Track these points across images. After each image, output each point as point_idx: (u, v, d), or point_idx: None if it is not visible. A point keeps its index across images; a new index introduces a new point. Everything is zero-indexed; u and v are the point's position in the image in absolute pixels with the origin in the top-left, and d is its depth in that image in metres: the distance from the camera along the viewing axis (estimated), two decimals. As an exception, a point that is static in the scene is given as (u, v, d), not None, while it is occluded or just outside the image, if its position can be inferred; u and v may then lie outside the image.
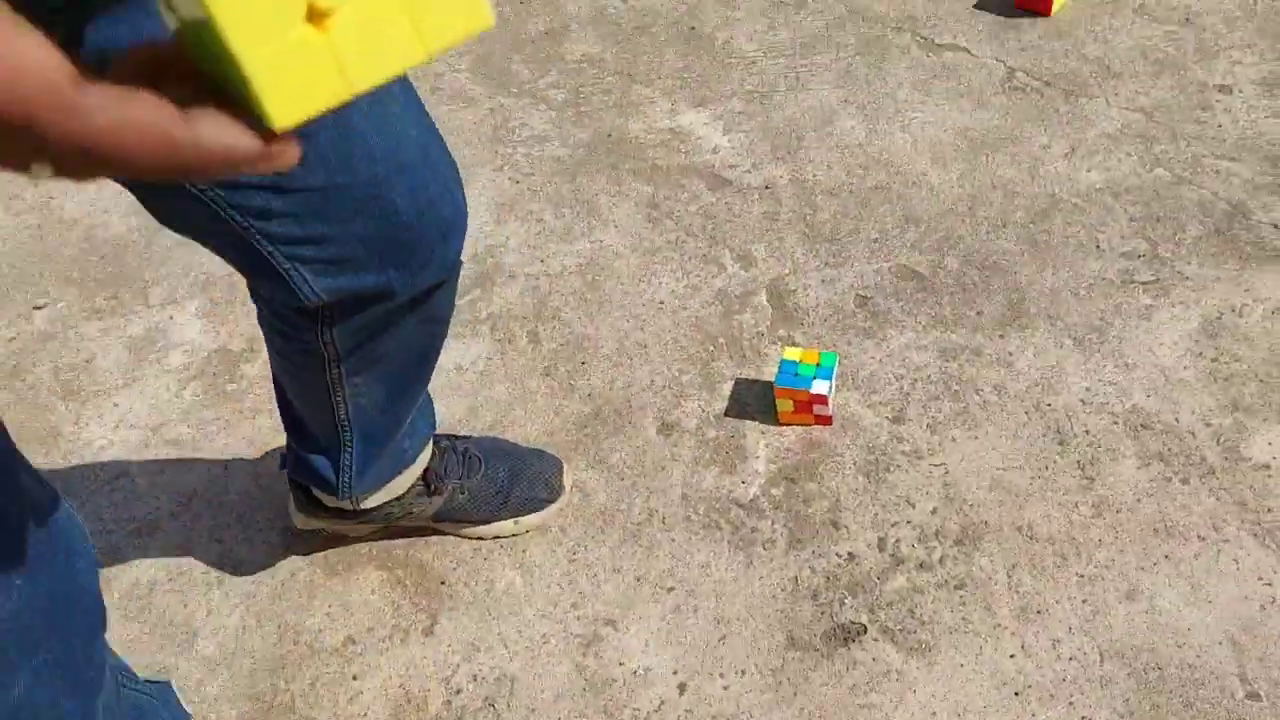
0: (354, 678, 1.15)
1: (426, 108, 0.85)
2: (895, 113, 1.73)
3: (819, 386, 1.29)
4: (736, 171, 1.67)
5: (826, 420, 1.32)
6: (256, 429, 1.40)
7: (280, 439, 1.28)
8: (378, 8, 0.33)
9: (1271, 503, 1.19)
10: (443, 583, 1.22)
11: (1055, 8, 1.83)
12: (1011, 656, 1.10)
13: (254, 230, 0.77)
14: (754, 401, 1.36)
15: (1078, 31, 1.81)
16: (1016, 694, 1.07)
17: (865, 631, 1.13)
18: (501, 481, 1.23)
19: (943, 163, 1.64)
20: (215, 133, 0.34)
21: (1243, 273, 1.44)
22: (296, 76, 0.32)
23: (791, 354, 1.32)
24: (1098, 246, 1.49)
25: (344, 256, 0.82)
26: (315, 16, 0.33)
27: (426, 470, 1.17)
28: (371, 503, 1.14)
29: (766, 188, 1.64)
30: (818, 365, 1.31)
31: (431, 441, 1.17)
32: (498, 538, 1.25)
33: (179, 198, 0.74)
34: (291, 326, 0.92)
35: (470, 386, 1.42)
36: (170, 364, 1.50)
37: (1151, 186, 1.56)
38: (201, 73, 0.36)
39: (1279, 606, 1.11)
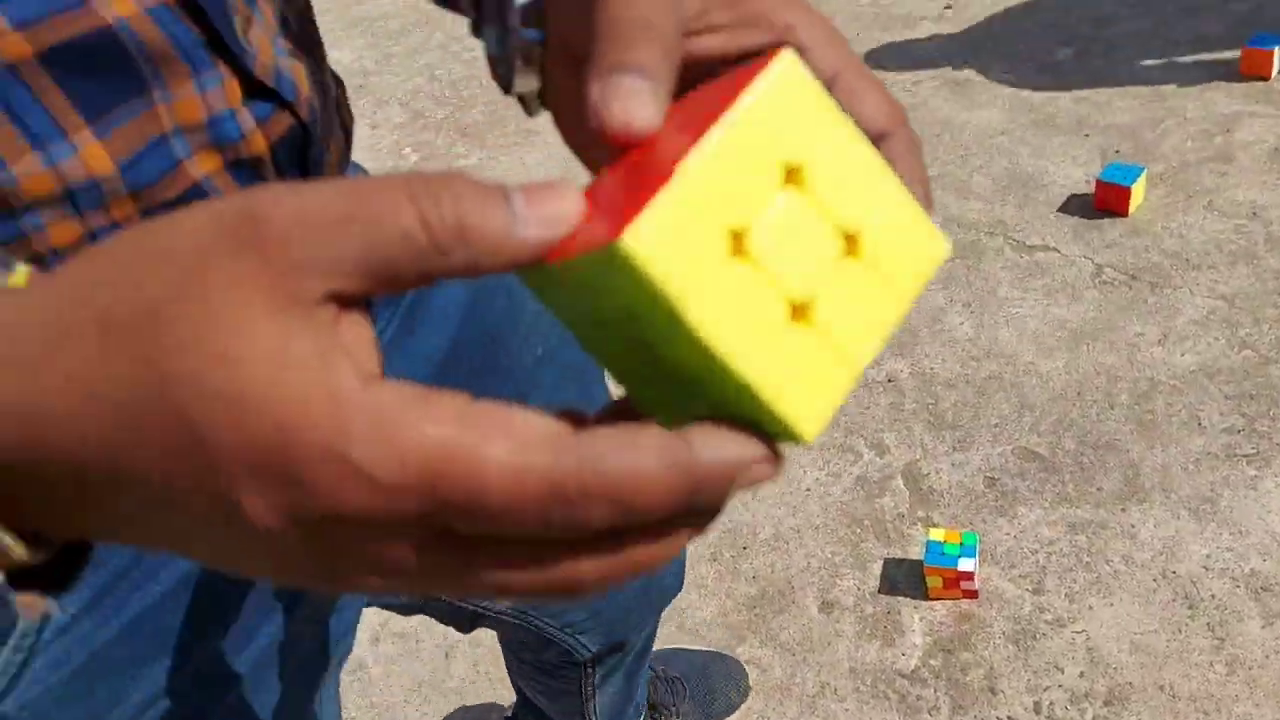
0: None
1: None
2: (998, 308, 1.94)
3: (965, 564, 1.45)
4: (860, 368, 1.89)
5: (973, 594, 1.48)
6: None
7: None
8: (847, 278, 0.29)
9: (1393, 656, 1.32)
10: (646, 754, 1.38)
11: (1132, 208, 2.05)
12: (1172, 807, 1.22)
13: (532, 616, 0.89)
14: (904, 579, 1.53)
15: (1155, 228, 2.03)
16: (1181, 842, 1.19)
17: (1034, 788, 1.27)
18: (702, 696, 1.40)
19: (1047, 352, 1.84)
20: (717, 446, 0.26)
21: (1337, 443, 1.59)
22: (801, 376, 0.28)
23: (936, 535, 1.50)
24: (1199, 424, 1.66)
25: (618, 618, 0.97)
26: (797, 313, 0.28)
27: (651, 707, 1.34)
28: None
29: (890, 381, 1.85)
30: (961, 544, 1.48)
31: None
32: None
33: None
34: (553, 669, 1.05)
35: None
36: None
37: (1241, 367, 1.74)
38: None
39: None
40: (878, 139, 0.35)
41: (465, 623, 0.92)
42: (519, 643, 1.01)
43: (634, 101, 0.30)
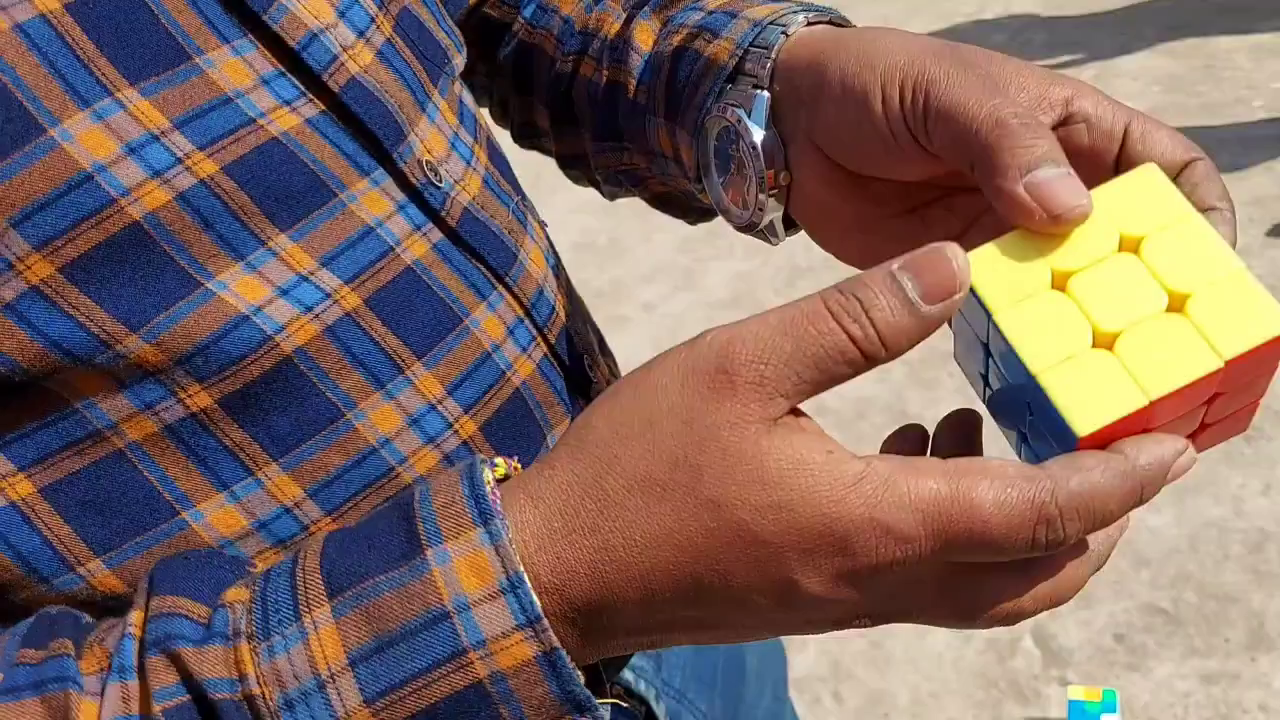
0: None
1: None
2: (1099, 467, 2.04)
3: (1109, 721, 1.51)
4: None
5: (1120, 750, 1.53)
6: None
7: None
8: (1161, 326, 0.33)
9: None
10: None
11: (1215, 363, 2.17)
12: None
13: None
14: (1048, 738, 1.59)
15: (1240, 382, 2.13)
16: None
17: None
18: None
19: (1155, 508, 1.92)
20: (1148, 450, 0.32)
21: None
22: (1085, 383, 0.33)
23: (1076, 693, 1.56)
24: (1315, 571, 1.73)
25: None
26: (1100, 341, 0.34)
27: None
28: None
29: (1004, 543, 1.94)
30: (1101, 701, 1.54)
31: None
32: None
33: None
34: None
35: (795, 744, 1.67)
36: None
37: (1348, 513, 1.81)
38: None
39: None
40: (1180, 168, 0.38)
41: None
42: None
43: (1067, 188, 0.35)
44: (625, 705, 0.56)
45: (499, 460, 0.37)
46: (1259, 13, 3.50)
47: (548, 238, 0.58)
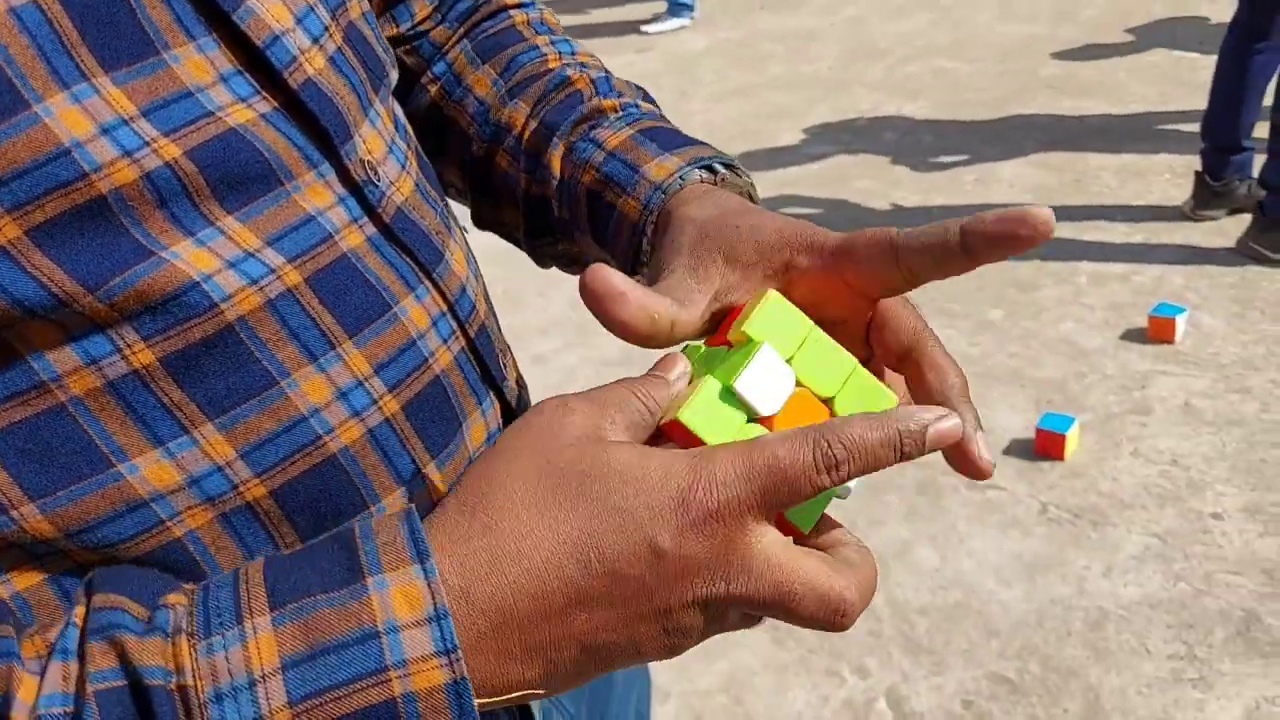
0: None
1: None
2: (959, 542, 2.14)
3: (953, 780, 1.58)
4: (838, 596, 2.05)
5: (962, 810, 1.60)
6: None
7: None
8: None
9: None
10: None
11: (1068, 453, 2.31)
12: None
13: None
14: (896, 796, 1.65)
15: (1090, 472, 2.28)
16: None
17: None
18: None
19: (1006, 583, 2.03)
20: (914, 412, 0.42)
21: (1268, 668, 1.79)
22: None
23: (924, 753, 1.63)
24: (1147, 650, 1.85)
25: None
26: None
27: None
28: None
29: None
30: (947, 762, 1.62)
31: None
32: None
33: None
34: None
35: (654, 793, 1.70)
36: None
37: (1178, 599, 1.95)
38: None
39: None
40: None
41: None
42: None
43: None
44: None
45: None
46: (1128, 136, 3.79)
47: (468, 244, 0.62)
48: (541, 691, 0.42)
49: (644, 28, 6.01)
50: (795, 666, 1.92)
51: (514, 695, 0.41)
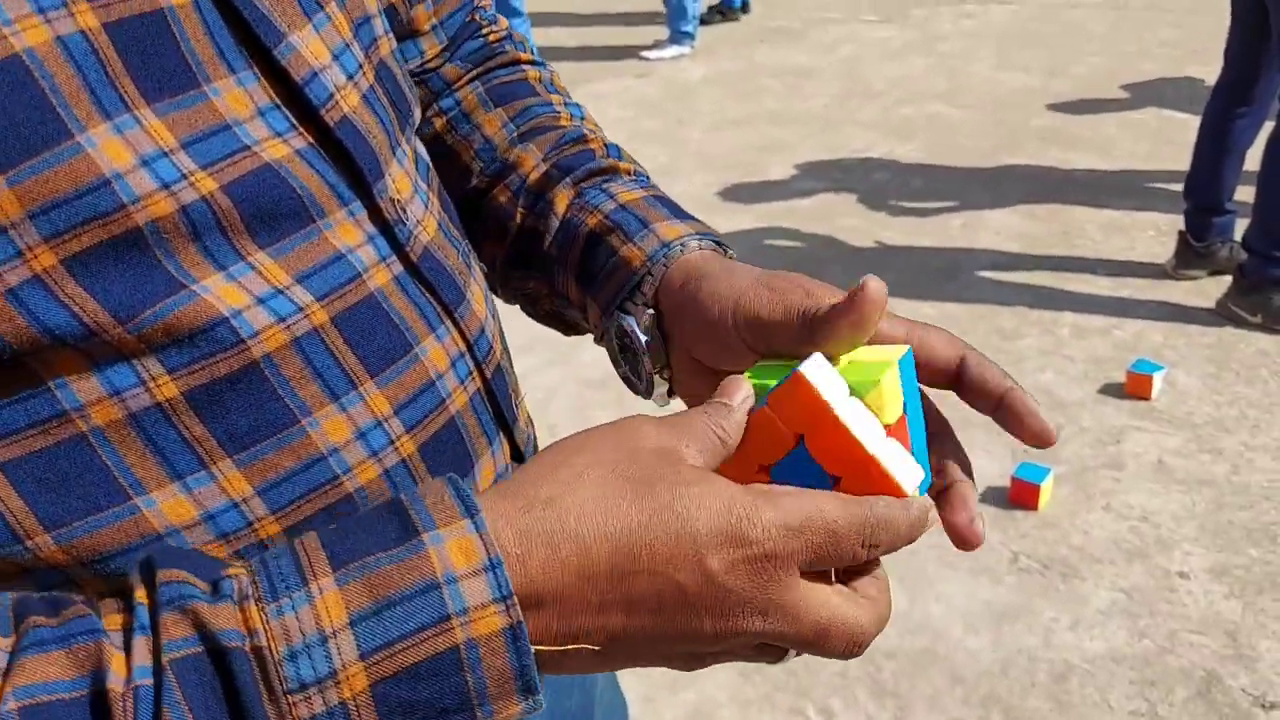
0: None
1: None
2: (928, 585, 2.16)
3: (912, 826, 1.59)
4: (807, 634, 2.06)
5: None
6: None
7: None
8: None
9: None
10: None
11: (1041, 504, 2.33)
12: None
13: None
14: (854, 839, 1.65)
15: (1062, 524, 2.30)
16: None
17: None
18: None
19: (974, 630, 2.04)
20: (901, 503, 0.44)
21: (1227, 730, 1.80)
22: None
23: (884, 797, 1.64)
24: (1109, 705, 1.86)
25: None
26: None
27: None
28: None
29: (834, 649, 2.02)
30: (907, 807, 1.62)
31: None
32: None
33: None
34: None
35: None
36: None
37: (1142, 655, 1.96)
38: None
39: None
40: (956, 363, 0.51)
41: None
42: None
43: (873, 286, 0.46)
44: None
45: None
46: (1114, 192, 3.84)
47: (486, 284, 0.63)
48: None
49: (644, 53, 6.05)
50: (760, 703, 1.92)
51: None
